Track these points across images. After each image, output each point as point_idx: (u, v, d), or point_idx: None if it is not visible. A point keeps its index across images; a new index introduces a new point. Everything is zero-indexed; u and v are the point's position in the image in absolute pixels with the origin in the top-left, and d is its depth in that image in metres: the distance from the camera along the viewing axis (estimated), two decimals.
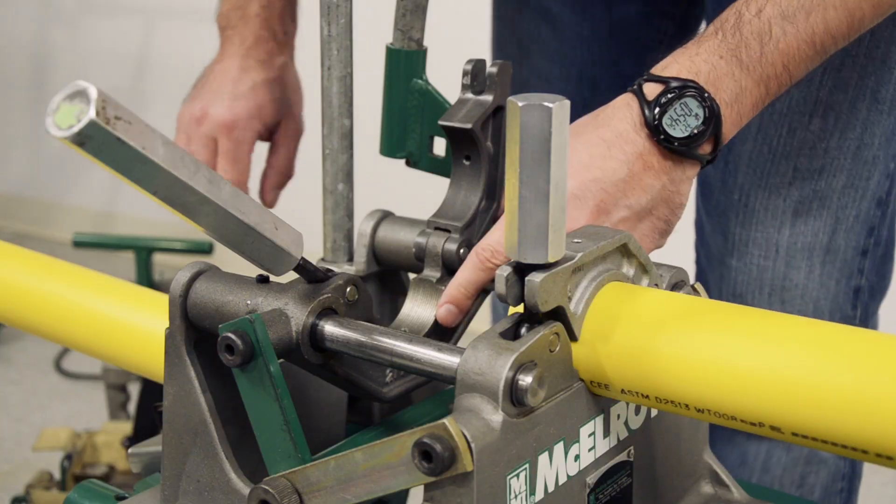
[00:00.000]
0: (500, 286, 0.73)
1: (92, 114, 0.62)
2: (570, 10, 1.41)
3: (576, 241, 0.78)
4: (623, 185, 0.91)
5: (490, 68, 0.99)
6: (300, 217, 1.31)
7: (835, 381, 0.67)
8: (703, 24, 1.39)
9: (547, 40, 1.42)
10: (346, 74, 1.01)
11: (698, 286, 0.87)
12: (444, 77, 1.17)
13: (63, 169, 4.22)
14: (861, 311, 1.32)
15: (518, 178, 0.71)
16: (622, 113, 0.94)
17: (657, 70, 0.95)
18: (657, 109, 0.91)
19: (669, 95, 0.91)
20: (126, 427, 2.12)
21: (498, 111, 1.00)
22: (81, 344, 1.12)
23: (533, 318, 0.75)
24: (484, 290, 1.01)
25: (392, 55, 1.03)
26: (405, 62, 1.03)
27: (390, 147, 1.05)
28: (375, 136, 1.06)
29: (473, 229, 0.99)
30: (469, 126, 0.98)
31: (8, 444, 2.62)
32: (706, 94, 0.92)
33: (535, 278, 0.73)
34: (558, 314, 0.75)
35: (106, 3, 4.02)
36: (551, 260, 0.72)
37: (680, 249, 0.82)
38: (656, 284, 0.83)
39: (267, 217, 0.76)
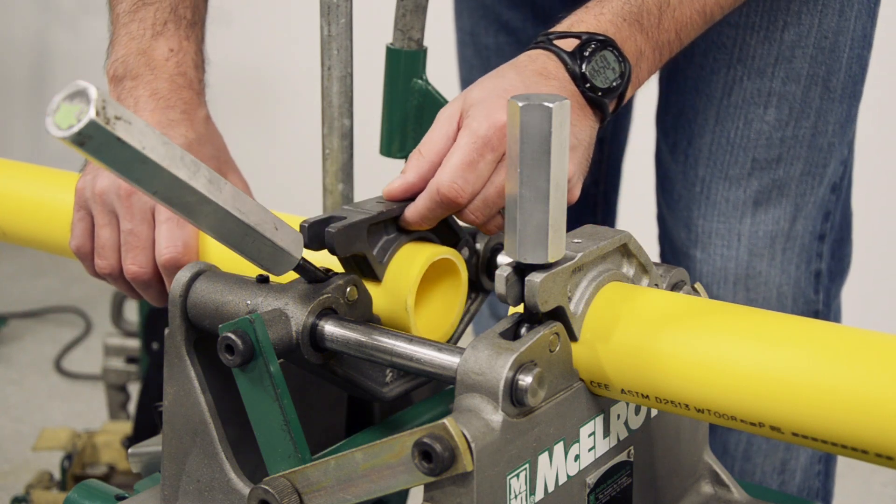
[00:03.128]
0: (500, 286, 0.73)
1: (92, 114, 0.62)
2: (526, 20, 1.42)
3: (576, 241, 0.78)
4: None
5: None
6: (300, 217, 1.31)
7: (834, 382, 0.67)
8: None
9: (506, 49, 1.44)
10: (346, 74, 1.01)
11: (698, 286, 0.87)
12: (444, 77, 1.17)
13: (63, 169, 4.22)
14: (823, 295, 1.34)
15: (518, 177, 0.71)
16: (543, 60, 0.94)
17: (563, 27, 0.95)
18: (580, 60, 0.92)
19: (592, 47, 0.92)
20: (126, 427, 2.11)
21: None
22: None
23: (533, 318, 0.75)
24: (484, 290, 1.01)
25: (392, 55, 1.03)
26: (405, 62, 1.03)
27: (390, 147, 1.05)
28: (375, 136, 1.06)
29: (472, 228, 0.99)
30: None
31: (8, 444, 2.61)
32: (621, 51, 0.94)
33: (535, 278, 0.73)
34: (558, 314, 0.75)
35: (106, 4, 4.01)
36: (551, 260, 0.72)
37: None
38: (656, 284, 0.83)
39: (267, 217, 0.76)
